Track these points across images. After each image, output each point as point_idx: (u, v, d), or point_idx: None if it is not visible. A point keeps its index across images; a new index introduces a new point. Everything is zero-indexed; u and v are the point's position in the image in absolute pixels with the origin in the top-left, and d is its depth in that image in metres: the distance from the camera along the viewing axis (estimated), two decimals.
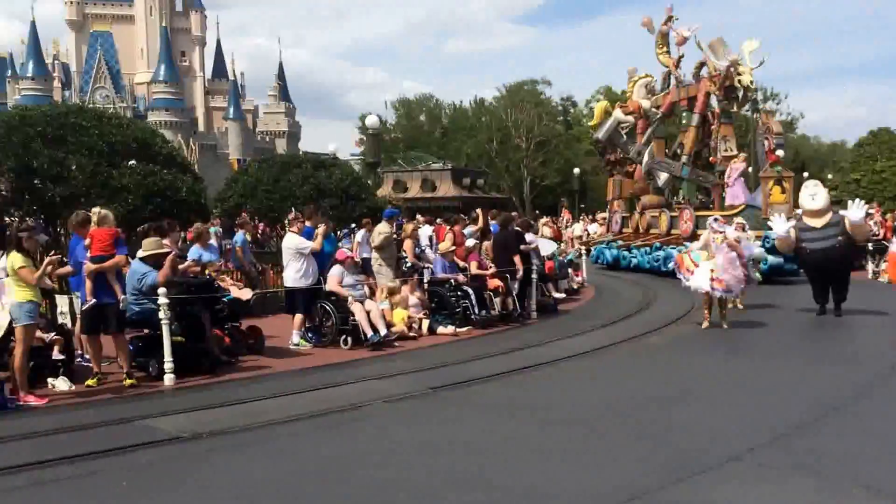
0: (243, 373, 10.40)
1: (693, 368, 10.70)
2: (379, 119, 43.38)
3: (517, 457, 6.62)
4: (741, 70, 22.59)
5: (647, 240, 25.62)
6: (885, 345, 12.08)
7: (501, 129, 70.66)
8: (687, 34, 24.99)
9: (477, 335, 13.55)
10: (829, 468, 6.21)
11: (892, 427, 7.44)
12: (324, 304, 12.43)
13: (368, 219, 18.25)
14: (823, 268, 14.86)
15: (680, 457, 6.53)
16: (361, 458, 6.60)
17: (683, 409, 8.25)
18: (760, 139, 23.97)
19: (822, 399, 8.53)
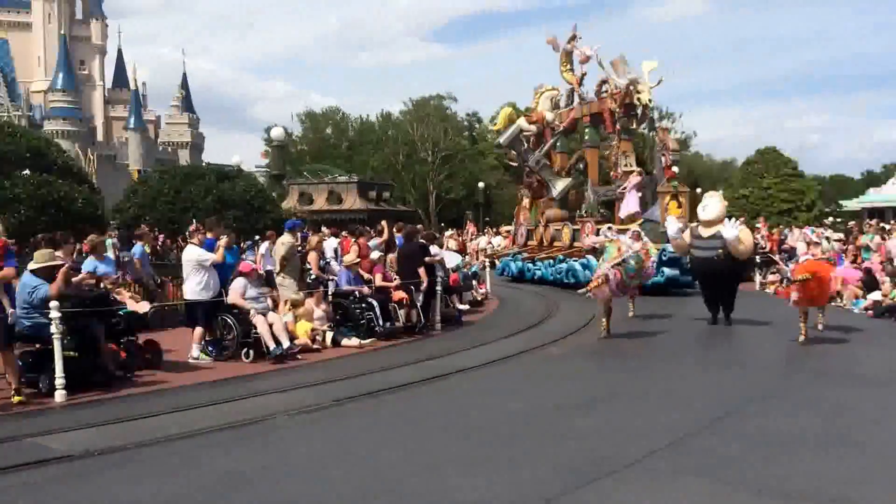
0: (139, 388, 10.08)
1: (594, 376, 10.90)
2: (285, 131, 43.04)
3: (422, 467, 6.60)
4: (640, 88, 23.09)
5: (550, 252, 25.95)
6: (772, 352, 12.57)
7: (408, 142, 70.88)
8: (589, 53, 25.38)
9: (381, 347, 13.49)
10: (723, 470, 6.41)
11: (780, 430, 7.70)
12: (225, 316, 12.19)
13: (272, 231, 18.04)
14: (706, 276, 15.62)
15: (582, 462, 6.63)
16: (261, 473, 6.47)
17: (585, 415, 8.38)
18: (658, 155, 24.40)
19: (715, 404, 8.81)
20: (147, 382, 10.39)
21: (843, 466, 6.55)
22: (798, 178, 56.69)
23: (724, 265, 15.08)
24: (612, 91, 24.13)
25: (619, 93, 23.58)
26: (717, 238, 15.10)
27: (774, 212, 49.66)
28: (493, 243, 36.87)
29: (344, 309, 14.37)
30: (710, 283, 15.65)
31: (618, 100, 23.78)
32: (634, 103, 23.42)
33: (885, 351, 12.78)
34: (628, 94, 23.27)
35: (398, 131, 74.35)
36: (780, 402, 9.11)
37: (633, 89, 23.10)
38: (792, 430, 7.70)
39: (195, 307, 12.13)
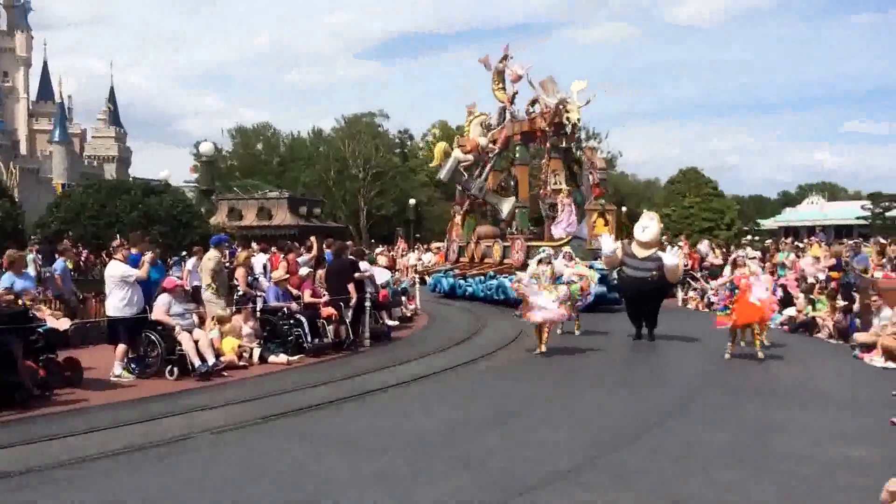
0: (58, 407, 9.86)
1: (519, 393, 11.02)
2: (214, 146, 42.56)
3: (345, 485, 6.64)
4: (569, 108, 23.35)
5: (481, 269, 26.05)
6: (691, 367, 12.94)
7: (339, 159, 70.64)
8: (521, 72, 25.64)
9: (309, 363, 13.46)
10: (643, 484, 6.59)
11: (696, 444, 7.94)
12: (149, 333, 12.01)
13: (200, 247, 17.81)
14: (636, 294, 15.90)
15: (504, 478, 6.76)
16: (183, 492, 6.44)
17: (508, 432, 8.50)
18: (586, 174, 24.83)
19: (636, 418, 9.04)
20: (66, 401, 10.18)
21: (755, 479, 6.80)
22: (718, 198, 58.37)
23: (654, 286, 15.46)
24: (542, 110, 24.42)
25: (549, 112, 23.84)
26: (653, 260, 15.44)
27: (696, 230, 51.01)
28: (423, 259, 37.01)
29: (272, 325, 14.30)
30: (638, 301, 16.00)
31: (547, 119, 24.04)
32: (564, 122, 23.66)
33: (798, 366, 13.22)
34: (558, 114, 23.53)
35: (330, 148, 74.07)
36: (697, 416, 9.38)
37: (563, 108, 23.36)
38: (708, 444, 7.96)
39: (118, 324, 11.91)
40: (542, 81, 24.54)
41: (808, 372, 12.72)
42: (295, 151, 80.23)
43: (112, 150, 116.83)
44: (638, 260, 15.66)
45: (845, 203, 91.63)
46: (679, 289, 24.20)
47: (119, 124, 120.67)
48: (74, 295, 16.31)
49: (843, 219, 79.82)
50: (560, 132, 24.43)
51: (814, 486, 6.60)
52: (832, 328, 16.47)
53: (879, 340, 13.36)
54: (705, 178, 59.63)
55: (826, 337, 16.56)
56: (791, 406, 9.94)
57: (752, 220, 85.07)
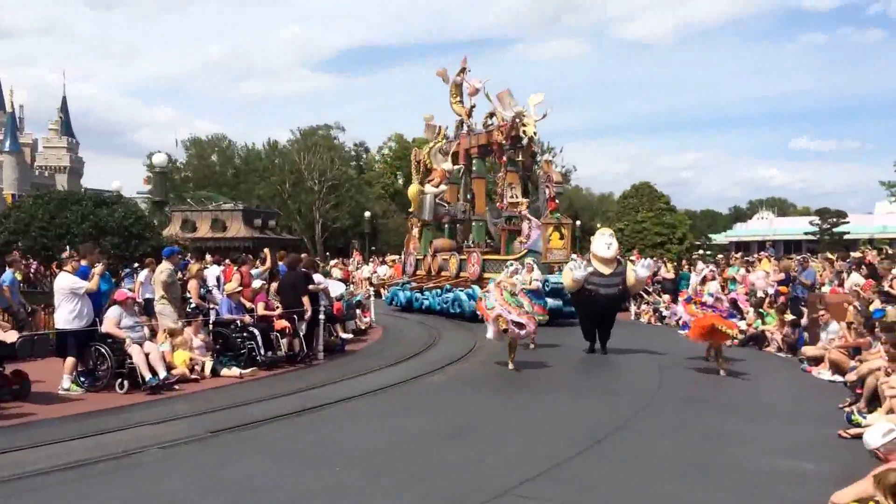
0: (4, 420, 9.69)
1: (473, 406, 11.04)
2: (168, 157, 42.12)
3: (295, 500, 6.61)
4: (526, 121, 23.38)
5: (438, 282, 25.92)
6: (643, 380, 13.06)
7: (295, 171, 70.24)
8: (478, 85, 25.63)
9: (262, 377, 13.34)
10: (595, 495, 6.67)
11: (647, 456, 8.03)
12: (99, 346, 11.84)
13: (152, 258, 17.60)
14: (601, 310, 15.92)
15: (456, 492, 6.77)
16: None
17: (462, 445, 8.52)
18: (542, 187, 24.53)
19: (588, 431, 9.10)
20: (13, 415, 10.00)
21: (705, 490, 6.90)
22: (671, 213, 59.10)
23: (619, 299, 15.61)
24: (499, 123, 24.41)
25: (506, 125, 23.84)
26: (618, 275, 15.61)
27: (648, 244, 51.54)
28: (378, 272, 36.94)
29: (225, 338, 14.17)
30: (600, 316, 16.06)
31: (504, 132, 24.03)
32: (520, 135, 23.70)
33: (747, 379, 13.41)
34: (514, 127, 23.55)
35: (285, 160, 73.67)
36: (649, 428, 9.48)
37: (519, 122, 23.38)
38: (659, 455, 8.05)
39: (67, 336, 11.74)
40: (500, 94, 24.51)
41: (756, 385, 12.91)
42: (250, 163, 79.64)
43: (64, 160, 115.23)
44: (605, 277, 15.72)
45: (794, 218, 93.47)
46: (632, 303, 24.47)
47: (71, 134, 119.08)
48: (23, 307, 16.03)
49: (792, 234, 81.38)
50: (517, 145, 24.41)
51: (762, 497, 6.72)
52: (781, 342, 16.75)
53: (827, 354, 13.62)
54: (658, 193, 60.32)
55: (775, 350, 16.84)
56: (740, 418, 10.09)
57: (703, 235, 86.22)
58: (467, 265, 24.42)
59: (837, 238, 69.23)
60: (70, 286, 11.71)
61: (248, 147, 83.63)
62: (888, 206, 73.15)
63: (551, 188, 23.82)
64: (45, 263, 22.31)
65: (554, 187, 24.03)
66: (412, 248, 29.58)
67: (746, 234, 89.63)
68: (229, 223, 44.71)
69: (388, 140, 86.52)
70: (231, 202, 50.05)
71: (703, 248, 65.62)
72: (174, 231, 38.93)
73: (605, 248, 16.03)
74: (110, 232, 21.81)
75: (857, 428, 8.96)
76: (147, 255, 19.70)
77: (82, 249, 13.44)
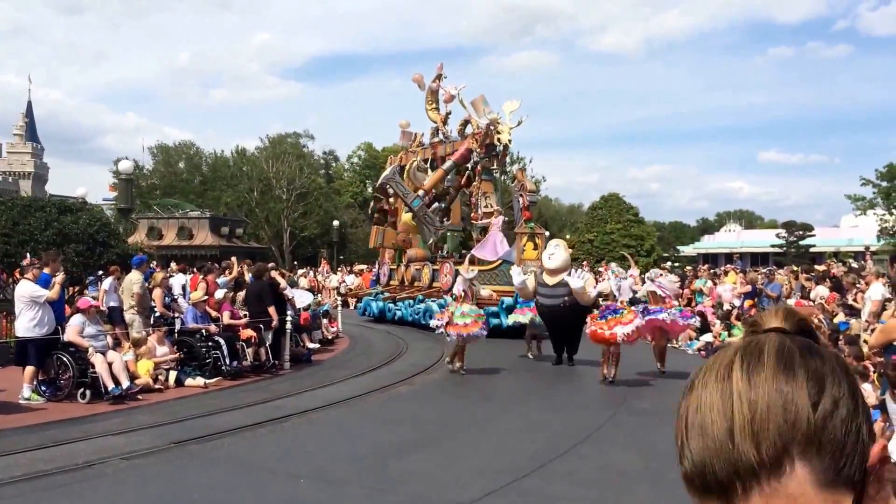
0: None
1: (439, 416, 11.03)
2: (135, 164, 41.71)
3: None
4: (500, 129, 23.04)
5: (411, 292, 25.37)
6: (609, 392, 13.08)
7: (263, 179, 69.77)
8: (454, 92, 25.03)
9: (227, 386, 13.23)
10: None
11: (609, 468, 8.05)
12: (61, 355, 11.67)
13: (117, 266, 17.41)
14: (552, 321, 15.97)
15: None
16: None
17: (427, 456, 8.50)
18: (515, 196, 24.16)
19: (553, 443, 9.11)
20: None
21: (669, 502, 6.90)
22: (639, 224, 59.49)
23: (569, 310, 15.53)
24: (474, 131, 24.03)
25: (480, 132, 23.46)
26: (563, 286, 15.55)
27: (617, 256, 51.77)
28: (346, 282, 36.80)
29: (190, 347, 14.03)
30: (556, 328, 16.10)
31: (478, 139, 23.65)
32: (495, 143, 23.35)
33: None
34: (489, 135, 23.20)
35: (253, 168, 73.11)
36: (612, 440, 9.51)
37: (493, 129, 23.03)
38: (623, 468, 8.07)
39: (27, 345, 11.56)
40: (474, 101, 24.11)
41: None
42: (218, 171, 79.02)
43: (28, 166, 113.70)
44: (549, 287, 15.77)
45: (761, 231, 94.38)
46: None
47: (36, 140, 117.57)
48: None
49: (760, 246, 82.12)
50: (491, 154, 23.94)
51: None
52: None
53: None
54: (627, 205, 60.72)
55: None
56: None
57: (671, 247, 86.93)
58: (440, 275, 23.96)
59: (804, 251, 70.04)
60: (30, 294, 11.55)
61: (217, 154, 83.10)
62: (853, 220, 74.11)
63: (525, 197, 23.32)
64: (6, 271, 21.99)
65: (528, 196, 23.50)
66: (387, 257, 29.08)
67: (714, 247, 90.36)
68: (196, 231, 44.41)
69: (358, 149, 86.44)
70: (198, 210, 49.71)
71: (671, 260, 66.08)
72: (140, 239, 38.58)
73: (546, 259, 16.13)
74: (74, 239, 21.49)
75: None
76: (112, 262, 19.49)
77: (45, 257, 13.25)
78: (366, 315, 27.78)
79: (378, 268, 30.35)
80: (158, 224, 44.92)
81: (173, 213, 46.95)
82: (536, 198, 24.87)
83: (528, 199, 23.31)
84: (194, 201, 61.58)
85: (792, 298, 19.50)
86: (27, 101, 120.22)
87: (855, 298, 16.67)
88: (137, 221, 43.48)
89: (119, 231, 25.73)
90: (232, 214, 57.75)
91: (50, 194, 64.97)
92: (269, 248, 62.25)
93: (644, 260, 52.55)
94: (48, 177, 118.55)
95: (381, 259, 29.84)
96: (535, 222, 22.91)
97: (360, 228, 70.26)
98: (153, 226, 44.45)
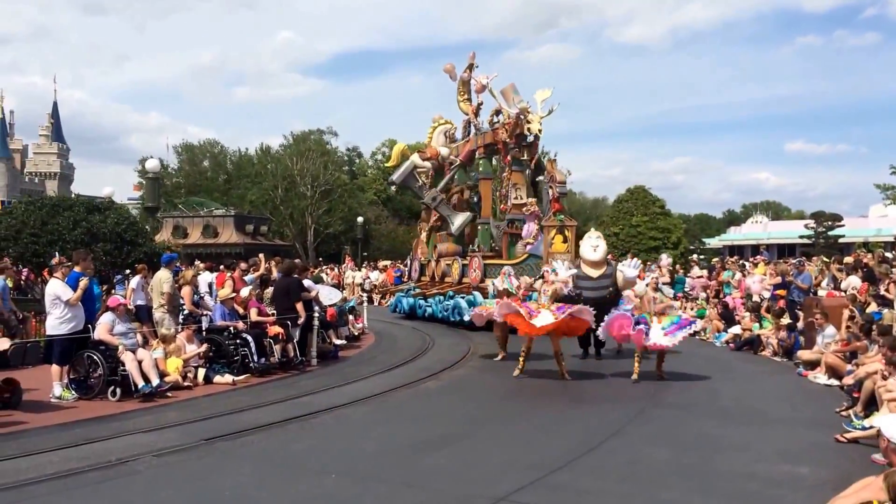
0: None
1: (467, 412, 10.98)
2: (161, 163, 41.98)
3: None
4: (530, 118, 22.41)
5: (441, 288, 25.00)
6: (637, 387, 13.00)
7: (287, 177, 69.98)
8: (484, 81, 24.64)
9: (255, 383, 13.27)
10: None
11: (640, 463, 7.98)
12: (91, 353, 11.75)
13: (144, 264, 17.53)
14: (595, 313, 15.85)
15: (449, 500, 6.71)
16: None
17: (455, 452, 8.46)
18: (545, 188, 23.27)
19: (582, 438, 9.06)
20: (3, 423, 9.87)
21: (700, 497, 6.84)
22: (665, 217, 59.02)
23: (609, 303, 15.43)
24: (505, 121, 23.46)
25: (511, 122, 22.95)
26: (606, 277, 15.47)
27: (643, 249, 51.53)
28: (370, 278, 36.86)
29: (218, 344, 14.09)
30: (597, 319, 15.94)
31: (508, 130, 23.12)
32: (525, 133, 22.77)
33: (743, 383, 13.40)
34: (518, 124, 22.67)
35: (277, 165, 73.34)
36: (641, 434, 9.42)
37: (523, 119, 22.44)
38: (652, 462, 8.00)
39: (56, 343, 11.64)
40: (503, 89, 23.52)
41: (752, 389, 12.89)
42: (242, 169, 79.40)
43: (54, 166, 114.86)
44: (593, 280, 15.61)
45: (789, 222, 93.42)
46: None
47: (62, 140, 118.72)
48: (14, 314, 15.92)
49: (787, 238, 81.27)
50: (522, 144, 23.41)
51: (757, 503, 6.66)
52: (776, 346, 16.72)
53: (823, 358, 13.59)
54: (652, 197, 60.28)
55: (770, 354, 16.81)
56: (735, 423, 10.05)
57: (697, 239, 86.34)
58: (469, 270, 23.52)
59: (832, 241, 69.26)
60: (55, 294, 11.61)
61: (241, 152, 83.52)
62: (883, 209, 73.25)
63: (555, 189, 22.47)
64: (34, 271, 22.17)
65: (557, 187, 22.58)
66: (420, 252, 28.65)
67: (740, 238, 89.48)
68: (221, 229, 44.69)
69: (381, 145, 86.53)
70: (223, 208, 50.00)
71: (698, 253, 65.60)
72: (166, 237, 38.87)
73: (591, 251, 15.95)
74: (102, 238, 21.65)
75: (855, 432, 8.93)
76: (139, 261, 19.64)
77: (75, 256, 13.32)
78: (397, 311, 27.49)
79: (410, 262, 30.10)
80: (184, 223, 45.25)
81: (198, 212, 47.25)
82: (566, 189, 23.93)
83: (558, 191, 22.54)
84: (219, 199, 61.98)
85: (823, 290, 19.28)
86: (53, 103, 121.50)
87: (887, 289, 16.46)
88: (163, 220, 43.80)
89: (146, 230, 25.91)
90: (256, 212, 58.07)
91: (76, 194, 65.49)
92: (294, 245, 62.45)
93: (671, 252, 52.19)
94: (74, 177, 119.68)
95: (414, 254, 29.46)
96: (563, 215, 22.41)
97: (384, 225, 70.39)
98: (178, 224, 44.79)
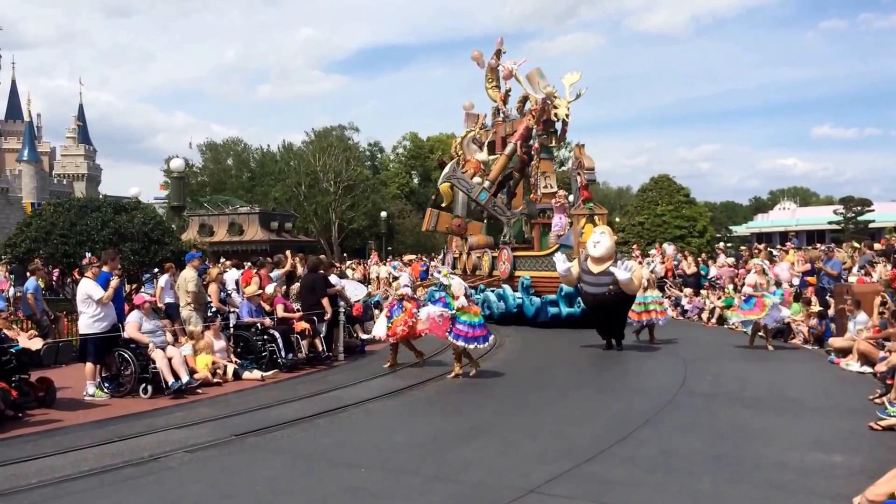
0: (31, 427, 9.72)
1: (495, 404, 10.97)
2: (185, 162, 42.24)
3: (320, 501, 6.58)
4: (557, 103, 21.90)
5: (473, 282, 23.83)
6: (664, 376, 12.99)
7: (310, 173, 70.11)
8: (512, 67, 23.90)
9: (284, 379, 13.36)
10: (619, 495, 6.58)
11: (672, 453, 7.94)
12: (122, 351, 11.87)
13: (171, 263, 17.66)
14: (595, 309, 15.83)
15: (481, 491, 6.72)
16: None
17: (484, 444, 8.47)
18: (573, 175, 22.43)
19: (610, 428, 9.05)
20: (39, 422, 10.03)
21: (732, 486, 6.81)
22: (690, 205, 58.62)
23: (612, 299, 15.35)
24: (531, 107, 23.01)
25: (537, 108, 22.46)
26: (608, 275, 15.37)
27: (668, 238, 51.21)
28: (398, 279, 36.75)
29: (245, 341, 14.19)
30: (600, 315, 15.96)
31: (535, 116, 22.63)
32: (552, 119, 22.29)
33: (774, 372, 13.30)
34: (545, 110, 22.14)
35: (300, 162, 73.57)
36: (672, 424, 9.38)
37: (550, 104, 21.97)
38: (684, 452, 7.96)
39: (88, 342, 11.77)
40: (529, 74, 22.99)
41: (783, 377, 12.79)
42: (265, 166, 79.80)
43: (81, 167, 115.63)
44: (593, 276, 15.60)
45: (817, 208, 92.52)
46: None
47: (88, 142, 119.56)
48: (46, 314, 16.12)
49: (816, 224, 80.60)
50: (549, 130, 22.87)
51: (790, 492, 6.62)
52: (807, 333, 16.58)
53: (855, 345, 13.44)
54: (677, 186, 59.97)
55: (801, 342, 16.68)
56: (767, 412, 9.99)
57: (724, 227, 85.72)
58: (498, 263, 23.12)
59: (862, 227, 68.56)
60: (87, 293, 11.75)
61: (264, 150, 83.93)
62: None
63: (583, 176, 21.41)
64: (66, 271, 22.41)
65: (586, 174, 21.45)
66: (454, 245, 27.83)
67: (768, 225, 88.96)
68: (246, 226, 44.92)
69: (403, 139, 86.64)
70: (247, 205, 50.24)
71: (724, 241, 65.14)
72: (192, 236, 39.15)
73: (591, 247, 15.83)
74: (130, 238, 21.82)
75: (889, 419, 8.85)
76: (166, 259, 19.79)
77: (104, 256, 13.46)
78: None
79: (444, 255, 29.81)
80: (209, 221, 45.52)
81: (223, 210, 47.52)
82: (594, 175, 23.04)
83: (587, 178, 21.46)
84: (243, 197, 62.34)
85: (853, 276, 19.06)
86: (79, 105, 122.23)
87: None
88: (189, 219, 44.08)
89: (172, 229, 26.09)
90: (280, 209, 58.24)
91: (104, 195, 66.07)
92: (318, 241, 62.63)
93: (697, 241, 51.87)
94: (101, 178, 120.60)
95: (449, 247, 28.98)
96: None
97: (408, 219, 70.42)
98: (204, 223, 45.08)
